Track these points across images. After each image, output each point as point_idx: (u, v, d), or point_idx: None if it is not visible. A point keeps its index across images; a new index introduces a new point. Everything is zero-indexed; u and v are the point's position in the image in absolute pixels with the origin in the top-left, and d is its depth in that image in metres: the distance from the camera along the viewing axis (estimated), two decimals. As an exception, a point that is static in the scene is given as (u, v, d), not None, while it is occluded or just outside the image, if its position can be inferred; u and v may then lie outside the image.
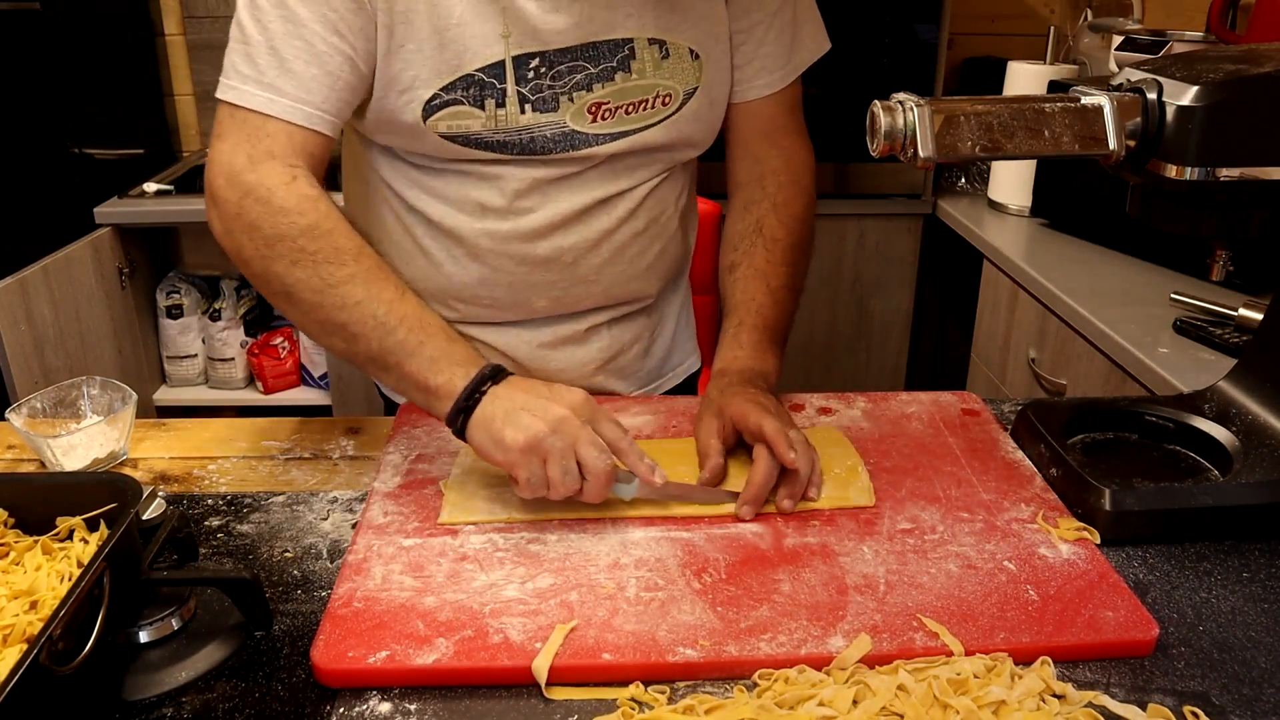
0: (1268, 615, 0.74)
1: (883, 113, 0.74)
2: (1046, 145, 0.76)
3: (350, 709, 0.65)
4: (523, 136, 0.96)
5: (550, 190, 1.00)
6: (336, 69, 0.88)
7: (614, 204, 1.03)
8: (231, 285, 2.57)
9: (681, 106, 1.01)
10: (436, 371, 0.84)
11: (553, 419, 0.78)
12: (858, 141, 0.79)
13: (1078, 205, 1.98)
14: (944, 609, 0.72)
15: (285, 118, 0.87)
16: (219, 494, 0.91)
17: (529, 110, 0.95)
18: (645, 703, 0.65)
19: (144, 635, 0.70)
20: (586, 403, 0.81)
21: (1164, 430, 0.95)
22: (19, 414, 0.94)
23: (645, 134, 1.00)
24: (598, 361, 1.12)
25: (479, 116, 0.94)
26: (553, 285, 1.05)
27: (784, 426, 0.86)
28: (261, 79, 0.87)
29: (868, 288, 2.49)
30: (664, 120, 1.01)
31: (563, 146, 0.97)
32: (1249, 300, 1.42)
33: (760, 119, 1.10)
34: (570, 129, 0.97)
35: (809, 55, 1.10)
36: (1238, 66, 0.74)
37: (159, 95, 2.75)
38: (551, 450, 0.78)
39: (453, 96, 0.93)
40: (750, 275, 1.05)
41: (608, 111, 0.97)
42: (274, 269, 0.86)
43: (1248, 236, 0.80)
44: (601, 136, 0.98)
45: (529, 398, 0.80)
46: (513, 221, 1.01)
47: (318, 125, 0.89)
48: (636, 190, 1.04)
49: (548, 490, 0.79)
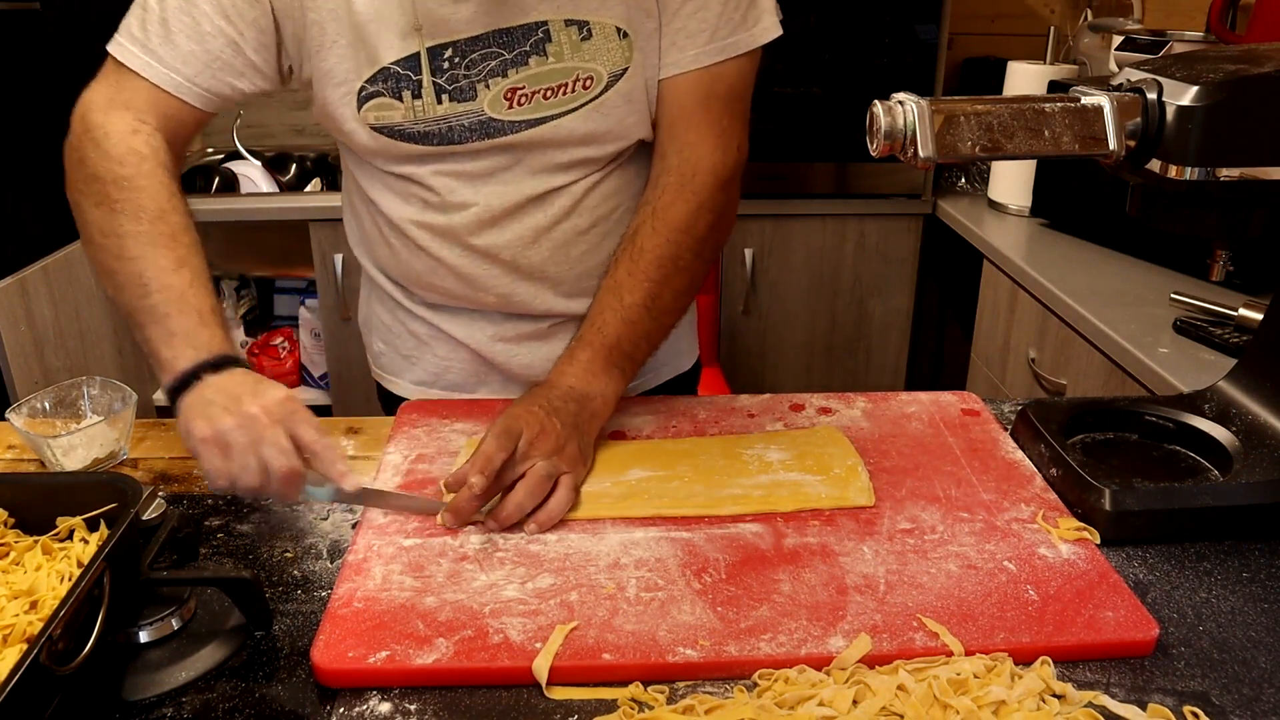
0: (1268, 615, 0.74)
1: (883, 113, 0.74)
2: (1046, 145, 0.76)
3: (350, 709, 0.65)
4: (440, 126, 0.97)
5: (479, 185, 1.01)
6: (218, 50, 0.93)
7: (549, 200, 1.02)
8: (231, 285, 2.57)
9: (607, 89, 0.97)
10: (170, 346, 0.84)
11: (241, 415, 0.78)
12: (858, 141, 0.79)
13: (1078, 205, 1.98)
14: (944, 609, 0.72)
15: (153, 80, 0.93)
16: (219, 494, 0.91)
17: (445, 100, 0.96)
18: (645, 703, 0.65)
19: (144, 635, 0.70)
20: (284, 403, 0.79)
21: (1164, 430, 0.95)
22: (19, 414, 0.94)
23: (566, 120, 0.97)
24: None
25: (399, 108, 0.96)
26: (497, 281, 1.05)
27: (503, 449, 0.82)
28: (147, 44, 0.93)
29: (868, 288, 2.49)
30: (586, 104, 0.97)
31: (479, 135, 0.97)
32: (1249, 300, 1.42)
33: (669, 104, 1.00)
34: (487, 116, 0.97)
35: (743, 37, 0.97)
36: (1238, 66, 0.74)
37: (159, 95, 2.74)
38: (234, 445, 0.77)
39: (375, 89, 0.96)
40: (606, 288, 0.98)
41: (524, 97, 0.96)
42: (81, 202, 0.91)
43: (1248, 236, 0.80)
44: (519, 124, 0.97)
45: (230, 394, 0.79)
46: (447, 216, 1.02)
47: (184, 95, 0.94)
48: (574, 186, 1.02)
49: (229, 484, 0.78)
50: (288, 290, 2.70)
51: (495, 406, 1.04)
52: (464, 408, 1.03)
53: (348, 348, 2.43)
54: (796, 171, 2.35)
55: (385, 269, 1.13)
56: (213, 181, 2.61)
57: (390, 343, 1.18)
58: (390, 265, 1.11)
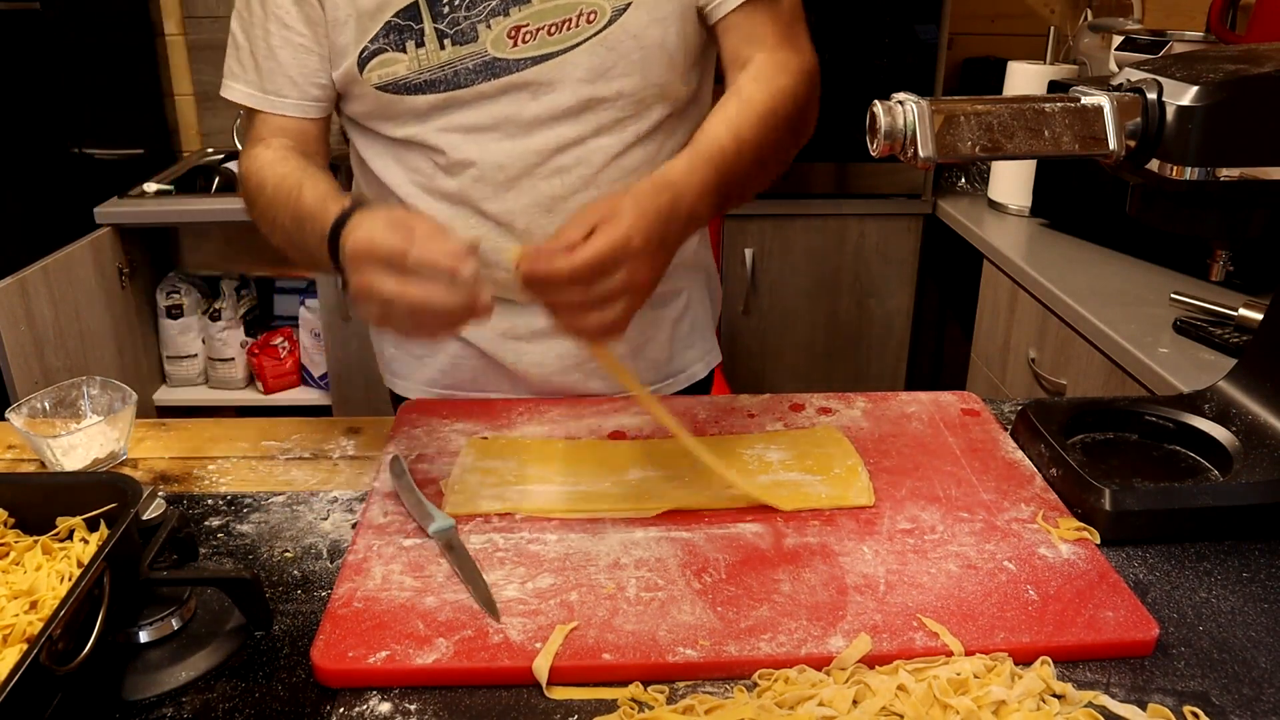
0: (1268, 615, 0.74)
1: (883, 113, 0.74)
2: (1046, 145, 0.76)
3: (350, 709, 0.65)
4: (445, 72, 0.98)
5: (484, 139, 1.00)
6: (288, 59, 1.00)
7: (563, 167, 1.01)
8: (231, 285, 2.57)
9: (610, 23, 0.96)
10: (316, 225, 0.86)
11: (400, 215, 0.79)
12: (858, 141, 0.79)
13: (1078, 205, 1.98)
14: (944, 609, 0.72)
15: (261, 108, 1.02)
16: (219, 494, 0.91)
17: (448, 45, 0.97)
18: (645, 703, 0.65)
19: (144, 635, 0.70)
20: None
21: (1164, 430, 0.95)
22: (19, 414, 0.94)
23: (571, 54, 0.97)
24: (575, 358, 1.11)
25: (403, 60, 0.97)
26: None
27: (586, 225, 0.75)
28: (243, 76, 1.03)
29: (868, 288, 2.49)
30: (590, 39, 0.97)
31: (484, 75, 0.98)
32: (1249, 300, 1.42)
33: (734, 36, 0.99)
34: (491, 56, 0.97)
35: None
36: (1238, 66, 0.74)
37: (159, 95, 2.75)
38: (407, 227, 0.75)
39: (378, 45, 0.97)
40: (717, 120, 0.92)
41: (528, 34, 0.96)
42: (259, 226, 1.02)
43: (1248, 236, 0.80)
44: (523, 61, 0.97)
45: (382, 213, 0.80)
46: (457, 180, 1.02)
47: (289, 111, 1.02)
48: (588, 151, 1.01)
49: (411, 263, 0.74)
50: (288, 290, 2.70)
51: (496, 407, 1.04)
52: (464, 408, 1.03)
53: (348, 348, 2.43)
54: (796, 171, 2.35)
55: None
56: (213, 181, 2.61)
57: (402, 344, 1.18)
58: None
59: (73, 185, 2.31)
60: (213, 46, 2.73)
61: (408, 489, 0.85)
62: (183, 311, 2.51)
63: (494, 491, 0.86)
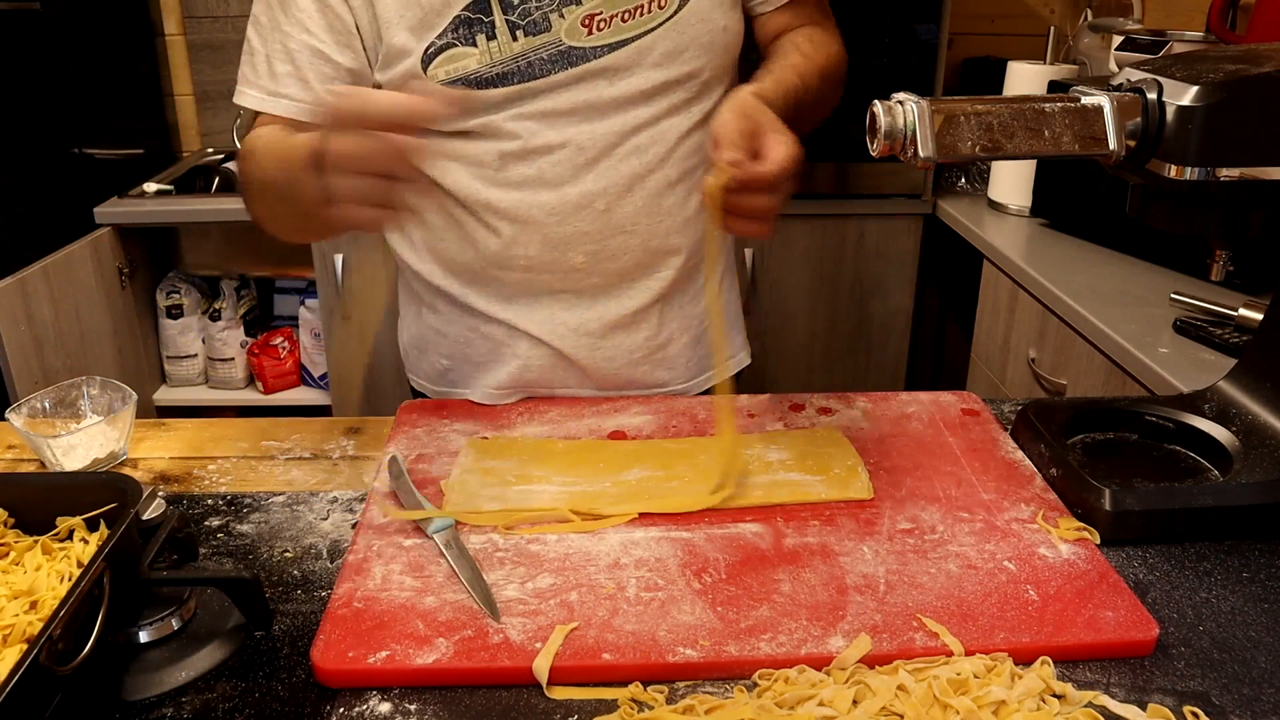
0: (1268, 615, 0.74)
1: (883, 113, 0.74)
2: (1046, 145, 0.76)
3: (350, 709, 0.65)
4: (519, 64, 0.97)
5: (564, 124, 1.00)
6: (306, 64, 0.99)
7: (642, 146, 1.02)
8: (231, 285, 2.57)
9: (680, 8, 1.00)
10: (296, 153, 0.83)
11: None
12: (858, 141, 0.79)
13: (1078, 205, 1.98)
14: (944, 609, 0.72)
15: (274, 111, 1.01)
16: (219, 494, 0.91)
17: (521, 36, 0.97)
18: (645, 703, 0.65)
19: (144, 635, 0.70)
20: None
21: (1164, 430, 0.95)
22: (19, 414, 0.94)
23: (646, 40, 0.99)
24: (645, 350, 1.11)
25: (474, 54, 0.97)
26: (587, 237, 1.04)
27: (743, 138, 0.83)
28: (256, 82, 1.02)
29: (868, 288, 2.49)
30: (664, 24, 0.99)
31: (560, 65, 0.98)
32: (1249, 300, 1.42)
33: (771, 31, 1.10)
34: (566, 45, 0.98)
35: None
36: (1238, 66, 0.74)
37: (159, 95, 2.75)
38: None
39: (445, 41, 0.96)
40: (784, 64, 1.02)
41: (602, 22, 0.98)
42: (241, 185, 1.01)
43: (1248, 236, 0.80)
44: (600, 49, 0.98)
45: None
46: (535, 166, 1.01)
47: (302, 116, 1.00)
48: (664, 129, 1.03)
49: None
50: (288, 290, 2.70)
51: (496, 407, 1.04)
52: (464, 408, 1.03)
53: (348, 348, 2.43)
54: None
55: (451, 266, 1.09)
56: (213, 181, 2.62)
57: (459, 353, 1.14)
58: (459, 255, 1.08)
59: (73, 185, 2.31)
60: (213, 46, 2.73)
61: (406, 490, 0.85)
62: (183, 311, 2.52)
63: (494, 492, 0.86)
